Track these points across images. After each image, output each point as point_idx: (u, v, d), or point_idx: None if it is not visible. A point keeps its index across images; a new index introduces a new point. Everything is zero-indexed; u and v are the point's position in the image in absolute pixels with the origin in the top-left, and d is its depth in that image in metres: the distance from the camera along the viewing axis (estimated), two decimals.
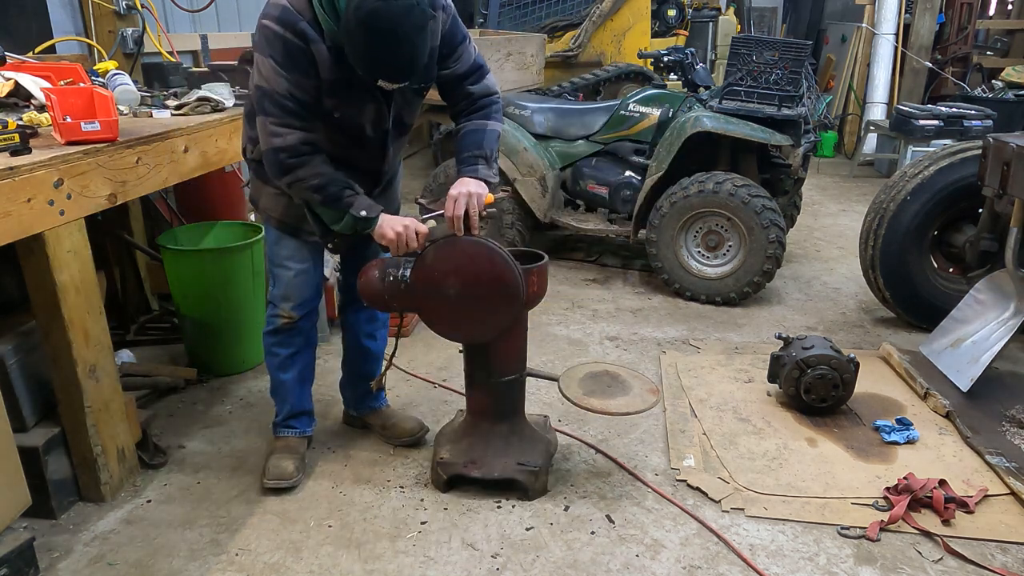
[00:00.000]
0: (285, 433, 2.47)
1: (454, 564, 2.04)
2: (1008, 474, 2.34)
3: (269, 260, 2.36)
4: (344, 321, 2.59)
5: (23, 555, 1.91)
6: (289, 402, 2.45)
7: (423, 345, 3.34)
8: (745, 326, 3.61)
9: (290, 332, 2.36)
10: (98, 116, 2.14)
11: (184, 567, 2.03)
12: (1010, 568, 2.01)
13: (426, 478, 2.40)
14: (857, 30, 7.44)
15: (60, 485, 2.21)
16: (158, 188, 2.46)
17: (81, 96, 2.21)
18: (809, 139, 3.97)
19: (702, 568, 2.03)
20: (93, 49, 3.41)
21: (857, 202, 5.91)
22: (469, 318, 2.15)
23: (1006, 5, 8.28)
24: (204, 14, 4.26)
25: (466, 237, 2.07)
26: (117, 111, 2.22)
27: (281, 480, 2.33)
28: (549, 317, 3.69)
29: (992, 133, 3.23)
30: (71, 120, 2.07)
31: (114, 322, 3.16)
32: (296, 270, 2.30)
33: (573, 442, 2.62)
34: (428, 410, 2.82)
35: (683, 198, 3.74)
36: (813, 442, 2.59)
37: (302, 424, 2.50)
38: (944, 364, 2.98)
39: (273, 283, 2.35)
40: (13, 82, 2.34)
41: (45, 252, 1.98)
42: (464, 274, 2.09)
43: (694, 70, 4.28)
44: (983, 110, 5.81)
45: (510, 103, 4.33)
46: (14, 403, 2.12)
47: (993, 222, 3.15)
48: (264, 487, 2.33)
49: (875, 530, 2.13)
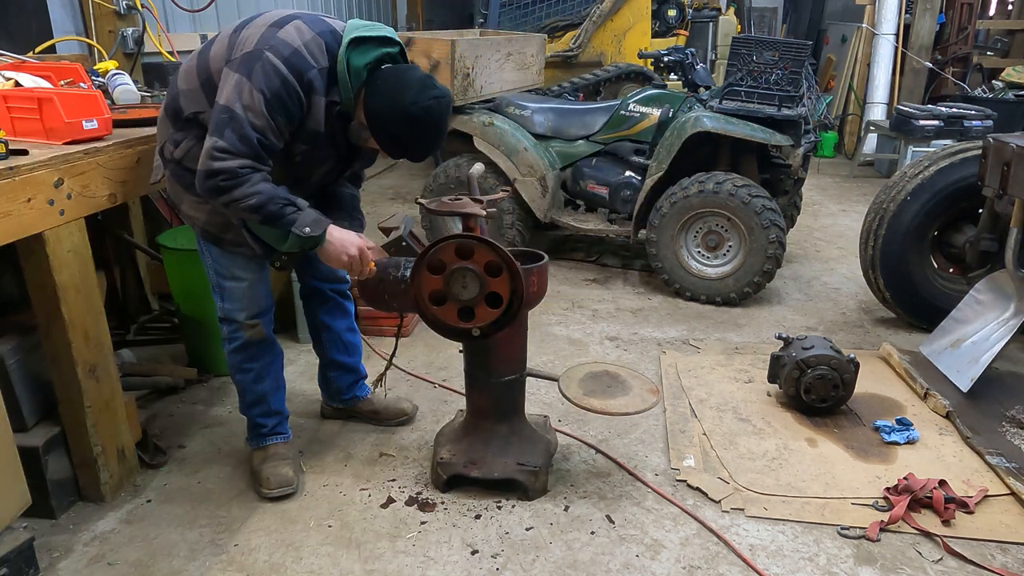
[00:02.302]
0: (274, 440, 2.41)
1: (454, 564, 2.04)
2: (1008, 474, 2.34)
3: (214, 272, 2.21)
4: (318, 322, 2.56)
5: (23, 555, 1.92)
6: (273, 410, 2.40)
7: (423, 345, 3.34)
8: (745, 326, 3.61)
9: (260, 344, 2.28)
10: (94, 115, 2.14)
11: (184, 567, 2.03)
12: (1010, 568, 2.01)
13: (426, 478, 2.40)
14: (857, 30, 7.44)
15: (60, 485, 2.21)
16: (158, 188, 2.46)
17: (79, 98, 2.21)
18: (809, 139, 3.97)
19: (702, 568, 2.03)
20: (93, 49, 3.41)
21: (857, 202, 5.91)
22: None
23: (1006, 5, 8.28)
24: (204, 14, 4.27)
25: (467, 235, 2.07)
26: (108, 109, 2.24)
27: (285, 487, 2.30)
28: (549, 317, 3.69)
29: (992, 133, 3.23)
30: (71, 120, 2.07)
31: (114, 322, 3.16)
32: (250, 280, 2.19)
33: (573, 442, 2.62)
34: (428, 410, 2.82)
35: (683, 198, 3.74)
36: (813, 442, 2.59)
37: (284, 429, 2.46)
38: (944, 364, 2.98)
39: (222, 297, 2.22)
40: (13, 82, 2.34)
41: (45, 252, 1.98)
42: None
43: (694, 70, 4.28)
44: (983, 110, 5.81)
45: (510, 103, 4.33)
46: (14, 403, 2.12)
47: (993, 222, 3.15)
48: (267, 497, 2.28)
49: (875, 530, 2.13)
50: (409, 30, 7.84)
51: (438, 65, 4.02)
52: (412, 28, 8.10)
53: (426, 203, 2.23)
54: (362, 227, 2.30)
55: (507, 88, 4.53)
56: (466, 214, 2.12)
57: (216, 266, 2.19)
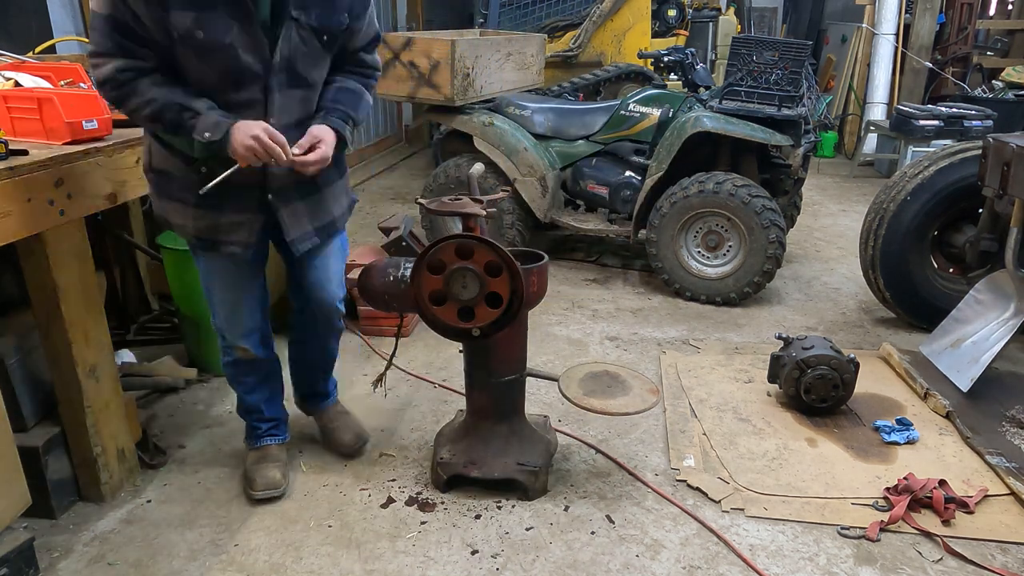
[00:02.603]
0: (269, 442, 2.40)
1: (454, 564, 2.04)
2: (1008, 474, 2.34)
3: (204, 286, 2.16)
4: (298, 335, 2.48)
5: (23, 555, 1.92)
6: (267, 417, 2.40)
7: (423, 345, 3.34)
8: (745, 326, 3.61)
9: (251, 363, 2.26)
10: (94, 115, 2.14)
11: (184, 567, 2.03)
12: (1010, 568, 2.01)
13: (426, 478, 2.40)
14: (857, 30, 7.44)
15: (60, 485, 2.21)
16: None
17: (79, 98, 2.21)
18: (809, 139, 3.97)
19: (702, 568, 2.03)
20: None
21: (857, 202, 5.91)
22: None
23: (1006, 5, 8.28)
24: None
25: (467, 235, 2.07)
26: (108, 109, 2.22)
27: (271, 489, 2.28)
28: (549, 317, 3.69)
29: (992, 133, 3.23)
30: (71, 120, 2.07)
31: (114, 322, 3.16)
32: (232, 300, 2.15)
33: (573, 442, 2.62)
34: (428, 410, 2.82)
35: (683, 198, 3.74)
36: (813, 442, 2.59)
37: (281, 431, 2.45)
38: (944, 364, 2.99)
39: (212, 312, 2.19)
40: (13, 82, 2.34)
41: (45, 252, 1.98)
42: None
43: (694, 70, 4.28)
44: (983, 110, 5.81)
45: (510, 103, 4.34)
46: (14, 403, 2.12)
47: (993, 222, 3.15)
48: (254, 499, 2.28)
49: (875, 530, 2.13)
50: (409, 30, 7.84)
51: (438, 65, 4.02)
52: (412, 28, 8.10)
53: (426, 203, 2.23)
54: (344, 127, 1.99)
55: (507, 88, 4.53)
56: (466, 214, 2.12)
57: (204, 279, 2.15)
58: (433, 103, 4.21)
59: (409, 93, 4.19)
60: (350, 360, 2.64)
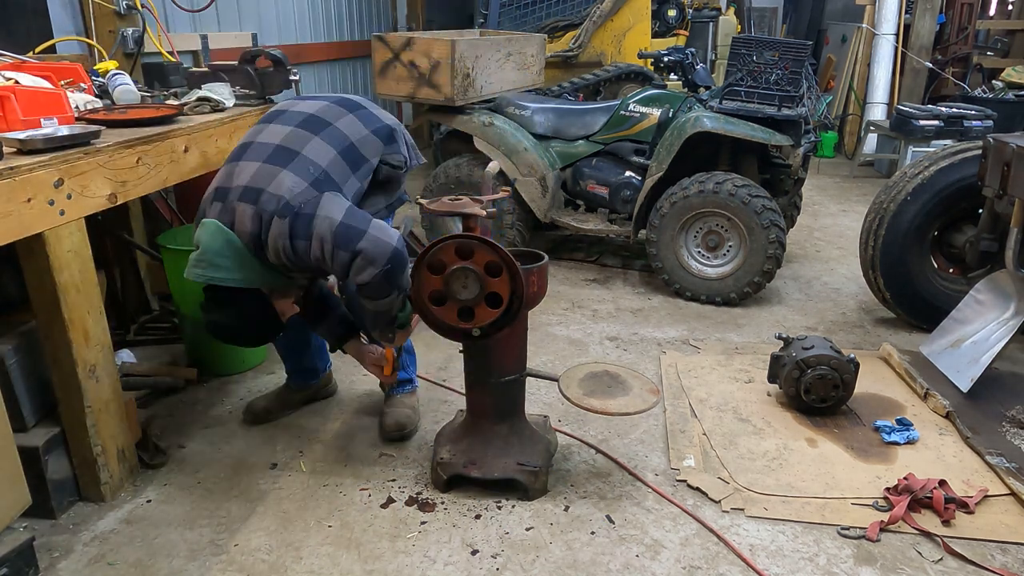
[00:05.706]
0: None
1: (454, 564, 2.04)
2: (1008, 474, 2.34)
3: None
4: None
5: (23, 555, 1.92)
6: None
7: (423, 345, 3.33)
8: (745, 326, 3.61)
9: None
10: (55, 112, 2.15)
11: (184, 567, 2.03)
12: (1010, 568, 2.01)
13: (426, 478, 2.40)
14: (857, 30, 7.44)
15: (60, 485, 2.21)
16: (158, 188, 2.46)
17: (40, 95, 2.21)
18: (809, 139, 3.97)
19: (702, 568, 2.03)
20: (93, 49, 3.41)
21: (857, 202, 5.91)
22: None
23: (1006, 5, 8.28)
24: (204, 14, 4.26)
25: (467, 235, 2.07)
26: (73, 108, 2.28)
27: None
28: (549, 317, 3.69)
29: (992, 133, 3.22)
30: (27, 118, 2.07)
31: (114, 322, 3.16)
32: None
33: (573, 442, 2.62)
34: (428, 410, 2.82)
35: (683, 198, 3.74)
36: (813, 442, 2.59)
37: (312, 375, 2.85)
38: (944, 364, 2.98)
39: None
40: (13, 82, 2.34)
41: (45, 252, 1.98)
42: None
43: (694, 70, 4.28)
44: (983, 110, 5.81)
45: (510, 103, 4.34)
46: (14, 403, 2.12)
47: (993, 222, 3.15)
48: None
49: (875, 530, 2.13)
50: (409, 30, 7.84)
51: (438, 65, 4.01)
52: (412, 28, 8.10)
53: (426, 203, 2.23)
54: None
55: (507, 88, 4.53)
56: (466, 214, 2.12)
57: None
58: (433, 103, 4.21)
59: (409, 93, 4.19)
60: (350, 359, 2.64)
